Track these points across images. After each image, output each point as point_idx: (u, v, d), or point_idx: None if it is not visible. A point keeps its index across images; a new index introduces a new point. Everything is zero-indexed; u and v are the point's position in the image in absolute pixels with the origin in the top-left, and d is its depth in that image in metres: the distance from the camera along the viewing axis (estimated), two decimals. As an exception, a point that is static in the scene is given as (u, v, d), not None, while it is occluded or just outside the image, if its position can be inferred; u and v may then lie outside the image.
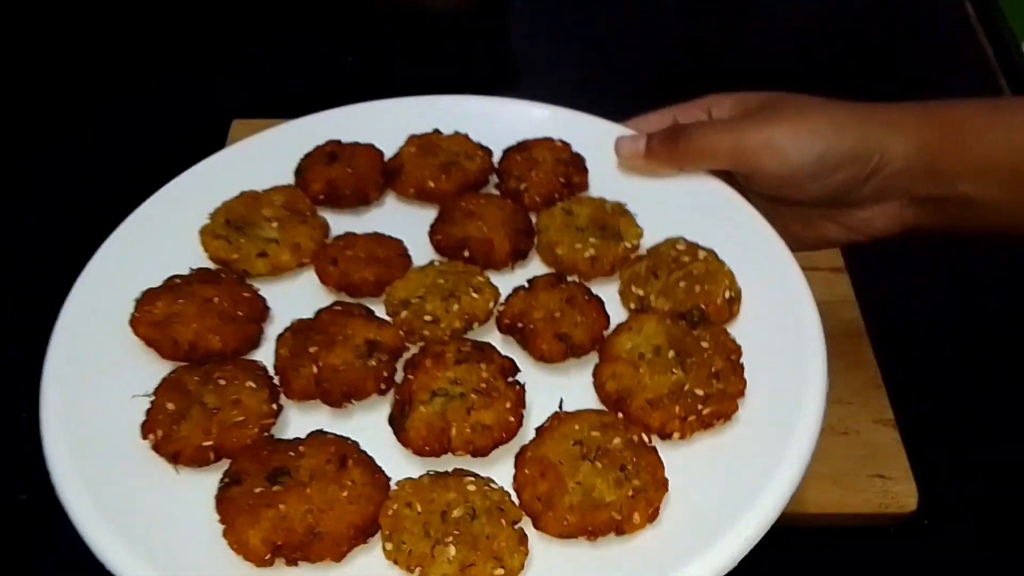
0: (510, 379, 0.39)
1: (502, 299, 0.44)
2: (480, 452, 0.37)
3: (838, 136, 0.45)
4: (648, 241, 0.47)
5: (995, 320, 0.66)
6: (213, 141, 0.68)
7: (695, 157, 0.48)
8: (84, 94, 0.84)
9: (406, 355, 0.41)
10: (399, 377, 0.40)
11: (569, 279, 0.44)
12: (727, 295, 0.42)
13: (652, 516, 0.35)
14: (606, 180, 0.51)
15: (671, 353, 0.39)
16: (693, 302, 0.42)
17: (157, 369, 0.41)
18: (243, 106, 0.77)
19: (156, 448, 0.37)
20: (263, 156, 0.52)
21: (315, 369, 0.39)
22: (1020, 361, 0.64)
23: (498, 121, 0.54)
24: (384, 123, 0.54)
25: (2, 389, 0.59)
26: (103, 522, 0.35)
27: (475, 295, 0.43)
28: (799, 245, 0.48)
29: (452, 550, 0.33)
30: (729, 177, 0.49)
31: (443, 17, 0.87)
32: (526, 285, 0.44)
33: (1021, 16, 1.01)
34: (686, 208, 0.48)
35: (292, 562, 0.34)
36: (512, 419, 0.37)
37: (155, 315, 0.41)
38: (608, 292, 0.45)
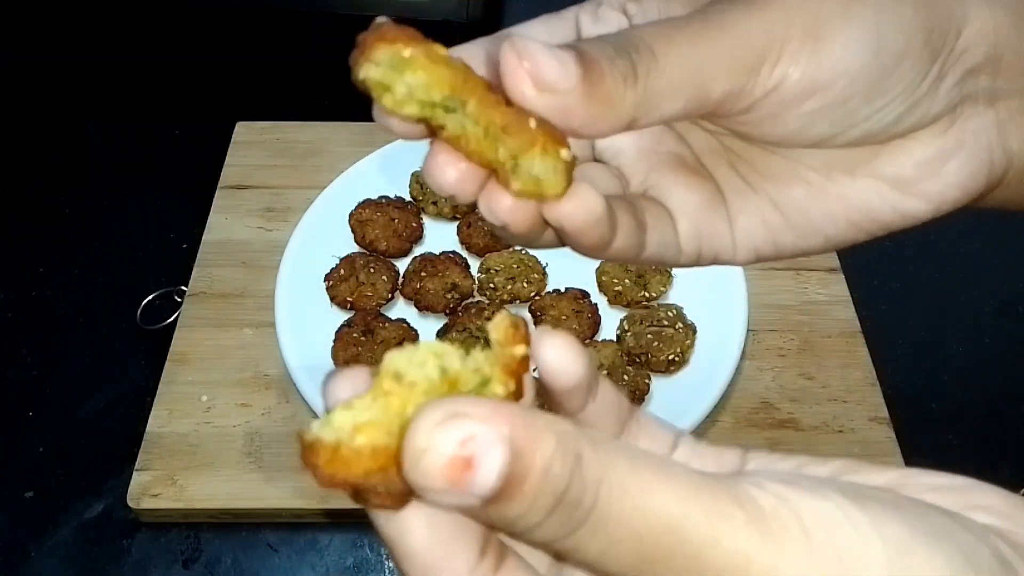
0: (510, 342, 0.64)
1: (545, 292, 0.68)
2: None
3: (893, 7, 0.26)
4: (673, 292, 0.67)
5: (990, 317, 0.68)
6: (216, 142, 0.77)
7: (670, 92, 0.24)
8: (87, 94, 0.86)
9: (471, 300, 0.67)
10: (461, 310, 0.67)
11: (593, 300, 0.67)
12: (671, 357, 0.62)
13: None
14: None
15: (604, 372, 0.61)
16: (644, 351, 0.63)
17: (350, 251, 0.70)
18: (244, 107, 0.82)
19: (328, 291, 0.68)
20: None
21: (418, 285, 0.67)
22: (1014, 358, 0.66)
23: None
24: None
25: (7, 389, 0.64)
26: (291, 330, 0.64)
27: (527, 284, 0.67)
28: (823, 242, 0.29)
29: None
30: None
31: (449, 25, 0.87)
32: (562, 289, 0.67)
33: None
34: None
35: (354, 378, 0.63)
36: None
37: (360, 216, 0.71)
38: (616, 315, 0.66)
